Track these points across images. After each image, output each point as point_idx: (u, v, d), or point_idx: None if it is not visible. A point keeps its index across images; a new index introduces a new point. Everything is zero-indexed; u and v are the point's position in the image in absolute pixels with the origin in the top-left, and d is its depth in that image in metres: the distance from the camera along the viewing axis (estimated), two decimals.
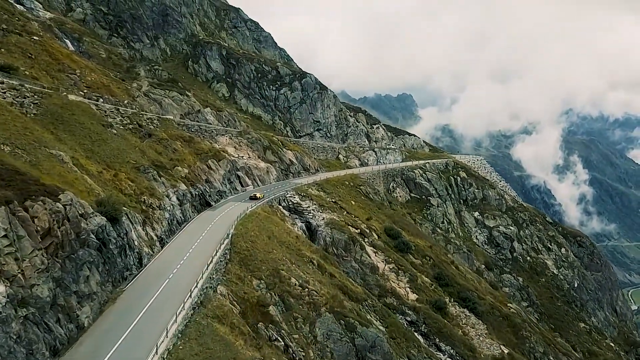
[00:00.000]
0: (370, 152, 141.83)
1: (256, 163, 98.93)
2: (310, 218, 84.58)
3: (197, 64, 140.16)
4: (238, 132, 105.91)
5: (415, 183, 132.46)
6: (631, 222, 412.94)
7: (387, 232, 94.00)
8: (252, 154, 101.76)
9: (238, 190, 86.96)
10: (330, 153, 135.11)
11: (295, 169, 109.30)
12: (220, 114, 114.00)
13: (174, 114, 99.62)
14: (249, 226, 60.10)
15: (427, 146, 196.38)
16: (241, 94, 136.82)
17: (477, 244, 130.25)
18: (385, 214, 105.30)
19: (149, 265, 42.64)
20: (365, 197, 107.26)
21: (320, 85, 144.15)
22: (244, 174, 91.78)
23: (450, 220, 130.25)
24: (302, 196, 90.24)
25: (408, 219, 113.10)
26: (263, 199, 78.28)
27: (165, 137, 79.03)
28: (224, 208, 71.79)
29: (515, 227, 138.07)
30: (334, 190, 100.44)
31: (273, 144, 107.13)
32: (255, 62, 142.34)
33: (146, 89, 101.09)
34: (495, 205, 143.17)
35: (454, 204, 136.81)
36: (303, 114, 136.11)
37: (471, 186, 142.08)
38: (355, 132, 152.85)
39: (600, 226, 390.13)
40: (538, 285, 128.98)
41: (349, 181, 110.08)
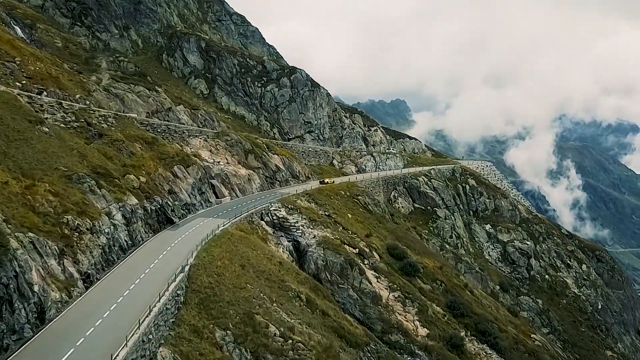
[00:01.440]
0: (368, 157, 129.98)
1: (236, 169, 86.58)
2: (298, 236, 72.29)
3: (173, 57, 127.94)
4: (215, 133, 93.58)
5: (419, 192, 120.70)
6: (625, 228, 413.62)
7: (391, 252, 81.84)
8: (232, 158, 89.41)
9: (211, 202, 74.47)
10: (323, 158, 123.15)
11: (282, 177, 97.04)
12: (196, 113, 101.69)
13: (138, 111, 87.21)
14: (217, 252, 47.69)
15: (429, 150, 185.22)
16: (222, 91, 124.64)
17: (490, 262, 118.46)
18: (387, 228, 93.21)
19: (56, 320, 30.05)
20: (363, 209, 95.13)
21: (312, 82, 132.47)
22: (220, 182, 79.33)
23: (460, 235, 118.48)
24: (289, 209, 77.99)
25: (413, 234, 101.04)
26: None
27: (120, 138, 66.62)
28: (189, 226, 59.35)
29: (532, 241, 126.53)
30: (327, 202, 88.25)
31: (256, 148, 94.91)
32: (239, 56, 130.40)
33: (107, 83, 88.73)
34: (509, 217, 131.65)
35: (463, 216, 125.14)
36: (292, 114, 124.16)
37: (481, 195, 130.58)
38: (351, 134, 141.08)
39: (593, 232, 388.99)
40: (559, 308, 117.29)
41: (345, 190, 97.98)
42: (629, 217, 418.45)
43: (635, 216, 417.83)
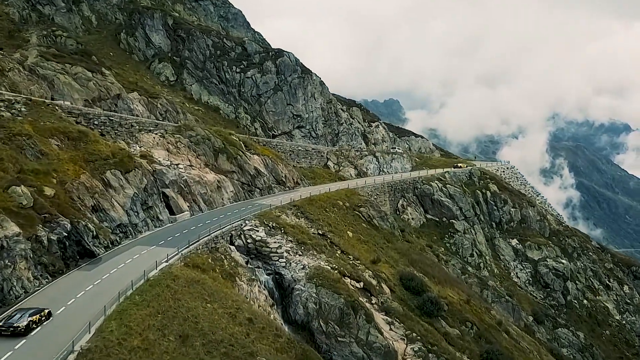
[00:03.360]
0: (369, 158, 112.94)
1: (201, 174, 69.09)
2: (281, 267, 55.03)
3: (133, 37, 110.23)
4: (176, 127, 76.07)
5: (432, 200, 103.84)
6: (618, 228, 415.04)
7: (405, 283, 64.94)
8: (196, 160, 71.92)
9: (163, 220, 56.90)
10: (316, 159, 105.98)
11: (263, 183, 79.70)
12: (154, 102, 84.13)
13: (72, 98, 69.51)
14: (139, 317, 30.31)
15: (438, 150, 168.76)
16: (192, 77, 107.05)
17: (519, 285, 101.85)
18: (398, 249, 76.24)
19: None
20: (367, 224, 78.08)
21: (302, 68, 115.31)
22: (177, 192, 61.77)
23: (482, 252, 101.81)
24: (270, 228, 60.75)
25: (429, 255, 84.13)
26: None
27: (27, 132, 49.05)
28: (117, 261, 41.88)
29: (566, 259, 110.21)
30: (321, 216, 71.09)
31: (230, 146, 77.50)
32: (213, 36, 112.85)
33: (33, 61, 70.84)
34: (537, 229, 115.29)
35: (485, 229, 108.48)
36: (278, 106, 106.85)
37: (505, 204, 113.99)
38: (349, 131, 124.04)
39: (586, 231, 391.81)
40: (602, 341, 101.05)
41: (344, 200, 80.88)
42: (622, 217, 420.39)
43: (628, 216, 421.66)
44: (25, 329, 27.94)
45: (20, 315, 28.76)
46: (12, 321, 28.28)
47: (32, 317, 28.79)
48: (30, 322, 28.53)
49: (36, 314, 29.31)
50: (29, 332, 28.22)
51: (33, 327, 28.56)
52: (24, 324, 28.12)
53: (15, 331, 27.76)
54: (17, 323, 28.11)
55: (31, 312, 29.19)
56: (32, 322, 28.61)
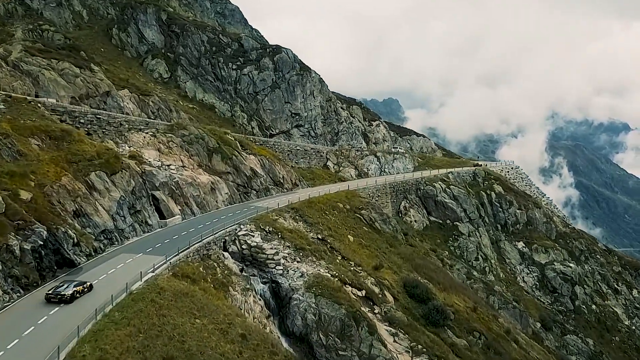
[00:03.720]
0: (370, 158, 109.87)
1: (194, 176, 66.02)
2: (278, 274, 52.04)
3: (125, 32, 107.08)
4: (168, 126, 73.01)
5: (436, 202, 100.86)
6: (617, 227, 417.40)
7: (409, 290, 61.95)
8: (189, 160, 68.85)
9: (152, 225, 53.84)
10: (315, 159, 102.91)
11: (260, 184, 76.66)
12: (146, 100, 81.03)
13: (59, 95, 66.44)
14: (118, 338, 27.25)
15: (440, 150, 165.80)
16: (186, 74, 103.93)
17: (526, 290, 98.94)
18: (401, 254, 73.24)
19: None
20: (369, 228, 75.06)
21: (301, 65, 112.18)
22: (168, 194, 58.69)
23: (487, 256, 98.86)
24: (266, 232, 57.73)
25: (433, 259, 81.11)
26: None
27: (5, 131, 46.03)
28: (99, 271, 38.89)
29: (574, 262, 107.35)
30: (320, 219, 68.05)
31: (225, 146, 74.45)
32: (209, 31, 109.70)
33: (17, 57, 67.72)
34: (544, 232, 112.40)
35: (490, 231, 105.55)
36: (276, 104, 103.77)
37: (511, 205, 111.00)
38: (349, 130, 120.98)
39: (585, 230, 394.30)
40: (612, 348, 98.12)
41: (344, 202, 77.84)
42: (621, 217, 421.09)
43: (627, 215, 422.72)
44: (70, 298, 32.43)
45: (66, 285, 33.34)
46: (60, 290, 32.80)
47: (76, 288, 33.26)
48: (75, 291, 33.05)
49: (80, 285, 33.87)
50: (74, 300, 32.51)
51: (77, 297, 32.92)
52: (70, 293, 32.62)
53: (62, 299, 32.22)
54: (64, 291, 32.72)
55: (76, 283, 33.83)
56: (76, 292, 33.11)
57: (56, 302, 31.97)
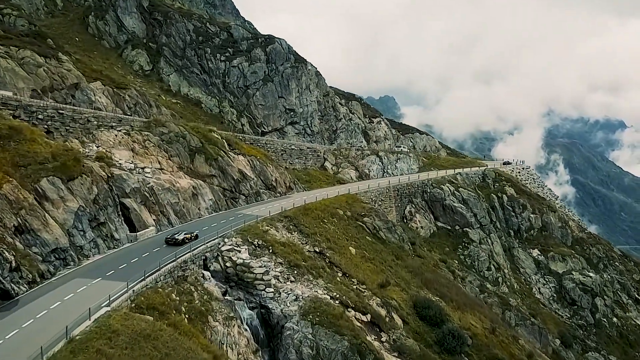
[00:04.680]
0: (372, 158, 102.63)
1: (173, 179, 58.59)
2: (268, 298, 44.85)
3: (103, 20, 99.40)
4: (144, 123, 65.52)
5: (444, 206, 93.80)
6: (613, 225, 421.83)
7: (420, 312, 54.97)
8: (167, 162, 61.40)
9: (119, 240, 46.43)
10: (311, 159, 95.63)
11: (249, 188, 69.29)
12: (122, 94, 73.49)
13: (17, 87, 58.78)
14: None
15: (444, 148, 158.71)
16: (170, 66, 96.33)
17: (542, 302, 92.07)
18: (409, 267, 66.13)
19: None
20: (372, 237, 67.87)
21: (296, 56, 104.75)
22: (140, 202, 51.28)
23: (500, 265, 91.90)
24: (255, 246, 50.53)
25: (444, 272, 74.01)
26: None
27: None
28: (38, 306, 31.54)
29: (593, 271, 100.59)
30: (318, 229, 60.83)
31: (210, 145, 67.05)
32: (195, 20, 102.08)
33: None
34: (560, 238, 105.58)
35: (502, 238, 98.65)
36: (268, 99, 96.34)
37: (524, 209, 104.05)
38: (349, 127, 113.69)
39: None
40: None
41: (344, 208, 70.65)
42: (617, 214, 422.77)
43: (623, 213, 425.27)
44: (181, 242, 46.20)
45: (179, 232, 47.95)
46: (175, 236, 46.92)
47: (186, 235, 47.47)
48: (185, 238, 47.18)
49: (188, 234, 48.24)
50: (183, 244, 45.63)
51: (185, 242, 46.49)
52: (181, 238, 46.72)
53: (176, 242, 46.16)
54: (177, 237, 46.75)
55: (185, 232, 48.20)
56: (186, 238, 47.17)
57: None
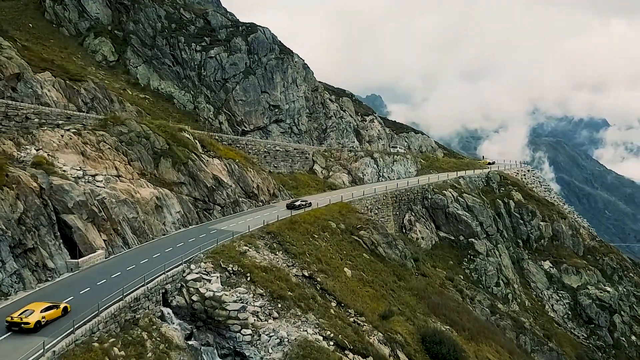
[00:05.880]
0: (366, 161, 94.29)
1: (131, 189, 49.61)
2: (245, 343, 36.41)
3: (62, 4, 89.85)
4: (100, 121, 56.45)
5: (447, 214, 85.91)
6: (598, 224, 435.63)
7: (430, 348, 47.08)
8: (127, 167, 52.41)
9: (55, 269, 37.51)
10: (298, 162, 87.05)
11: (226, 198, 60.50)
12: (76, 87, 64.22)
13: None
14: None
15: (441, 149, 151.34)
16: (138, 56, 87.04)
17: (557, 321, 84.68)
18: (413, 289, 58.00)
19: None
20: (370, 255, 59.51)
21: (281, 47, 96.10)
22: (87, 219, 42.25)
23: (509, 280, 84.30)
24: (229, 273, 42.01)
25: (452, 293, 65.93)
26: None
27: None
28: None
29: (609, 284, 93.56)
30: (306, 247, 52.35)
31: (178, 147, 58.17)
32: (167, 5, 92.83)
33: None
34: (571, 247, 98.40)
35: (510, 248, 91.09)
36: (250, 93, 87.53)
37: (533, 217, 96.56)
38: (340, 126, 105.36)
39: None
40: None
41: (337, 219, 62.24)
42: (602, 212, 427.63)
43: (607, 211, 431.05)
44: None
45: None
46: None
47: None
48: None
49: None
50: None
51: None
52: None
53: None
54: None
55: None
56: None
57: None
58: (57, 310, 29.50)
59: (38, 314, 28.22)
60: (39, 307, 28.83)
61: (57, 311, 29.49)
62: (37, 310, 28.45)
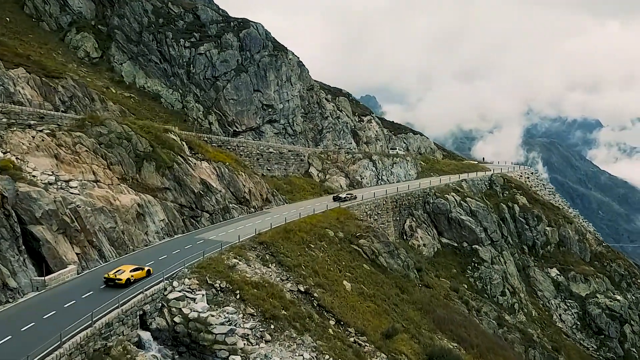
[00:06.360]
0: (365, 163, 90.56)
1: (111, 196, 45.65)
2: None
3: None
4: (77, 121, 52.44)
5: (449, 219, 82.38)
6: (592, 224, 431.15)
7: None
8: (106, 172, 48.44)
9: (18, 288, 33.80)
10: (293, 164, 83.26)
11: (215, 204, 56.61)
12: (53, 84, 60.08)
13: None
14: None
15: (440, 150, 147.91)
16: (123, 53, 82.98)
17: (565, 332, 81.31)
18: (417, 302, 54.31)
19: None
20: (371, 265, 55.80)
21: (275, 43, 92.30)
22: (57, 230, 38.29)
23: (515, 288, 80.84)
24: (216, 290, 38.26)
25: (457, 305, 62.24)
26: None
27: None
28: None
29: (618, 292, 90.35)
30: (302, 258, 48.59)
31: (163, 149, 54.25)
32: None
33: None
34: (578, 253, 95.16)
35: (515, 255, 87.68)
36: (242, 92, 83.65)
37: (539, 222, 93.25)
38: (336, 127, 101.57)
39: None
40: None
41: (335, 227, 58.50)
42: (595, 213, 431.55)
43: (601, 211, 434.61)
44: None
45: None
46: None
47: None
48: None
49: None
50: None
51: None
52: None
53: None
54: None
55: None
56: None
57: None
58: (142, 271, 36.77)
59: (128, 273, 35.70)
60: (129, 268, 36.50)
61: (142, 272, 36.69)
62: (127, 271, 35.98)
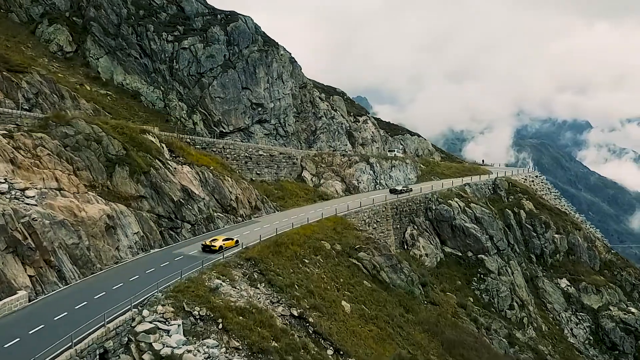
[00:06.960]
0: (362, 166, 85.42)
1: (75, 206, 40.19)
2: None
3: None
4: (39, 120, 46.92)
5: (453, 227, 77.54)
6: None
7: None
8: (71, 178, 42.98)
9: None
10: (285, 168, 77.99)
11: (197, 213, 51.25)
12: (17, 80, 54.48)
13: None
14: None
15: (438, 152, 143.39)
16: (100, 47, 77.31)
17: (577, 348, 76.68)
18: (423, 323, 49.30)
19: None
20: (372, 282, 50.71)
21: (265, 38, 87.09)
22: (5, 249, 32.77)
23: (523, 301, 76.15)
24: (195, 319, 33.17)
25: (466, 325, 57.29)
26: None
27: None
28: None
29: (632, 303, 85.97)
30: (295, 276, 43.47)
31: (138, 152, 48.84)
32: None
33: None
34: (588, 261, 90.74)
35: (522, 264, 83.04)
36: (229, 90, 78.29)
37: (547, 229, 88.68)
38: (331, 127, 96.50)
39: None
40: None
41: (332, 238, 53.37)
42: (585, 213, 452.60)
43: (591, 212, 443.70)
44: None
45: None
46: None
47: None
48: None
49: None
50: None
51: None
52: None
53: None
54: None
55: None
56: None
57: None
58: (232, 241, 45.76)
59: (220, 241, 44.71)
60: (221, 238, 45.57)
61: (232, 242, 45.66)
62: (220, 240, 44.97)
